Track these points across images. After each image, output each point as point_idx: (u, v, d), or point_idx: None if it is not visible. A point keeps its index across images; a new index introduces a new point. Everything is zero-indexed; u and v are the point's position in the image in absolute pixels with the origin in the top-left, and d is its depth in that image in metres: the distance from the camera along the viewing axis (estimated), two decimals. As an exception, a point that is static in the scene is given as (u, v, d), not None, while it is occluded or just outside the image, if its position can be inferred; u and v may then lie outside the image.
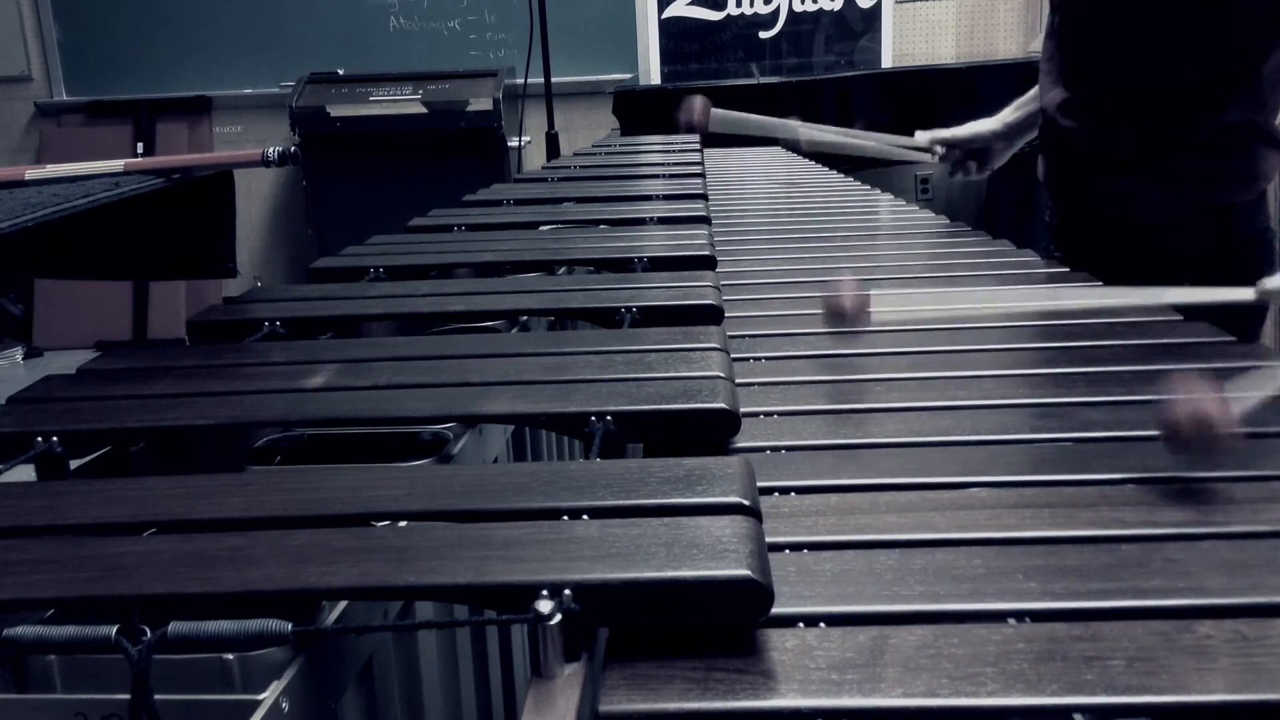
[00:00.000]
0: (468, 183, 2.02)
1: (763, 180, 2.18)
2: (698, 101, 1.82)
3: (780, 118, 1.94)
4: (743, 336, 1.02)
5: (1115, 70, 1.41)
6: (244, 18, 4.73)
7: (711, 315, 0.99)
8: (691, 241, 1.31)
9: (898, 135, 1.89)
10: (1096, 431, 0.76)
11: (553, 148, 3.72)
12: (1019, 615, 0.51)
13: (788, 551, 0.58)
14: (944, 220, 1.64)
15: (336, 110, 4.34)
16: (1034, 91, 1.76)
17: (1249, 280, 1.44)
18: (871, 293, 0.92)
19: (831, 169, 2.28)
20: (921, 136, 1.85)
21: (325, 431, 0.86)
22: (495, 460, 0.97)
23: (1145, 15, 1.37)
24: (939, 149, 1.83)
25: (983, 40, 4.55)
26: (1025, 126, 1.79)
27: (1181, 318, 1.05)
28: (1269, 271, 1.47)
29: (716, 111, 1.87)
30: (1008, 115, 1.80)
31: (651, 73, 4.57)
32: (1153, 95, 1.38)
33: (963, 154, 1.83)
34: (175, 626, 0.49)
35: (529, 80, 3.85)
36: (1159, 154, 1.36)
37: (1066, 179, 1.54)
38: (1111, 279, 1.22)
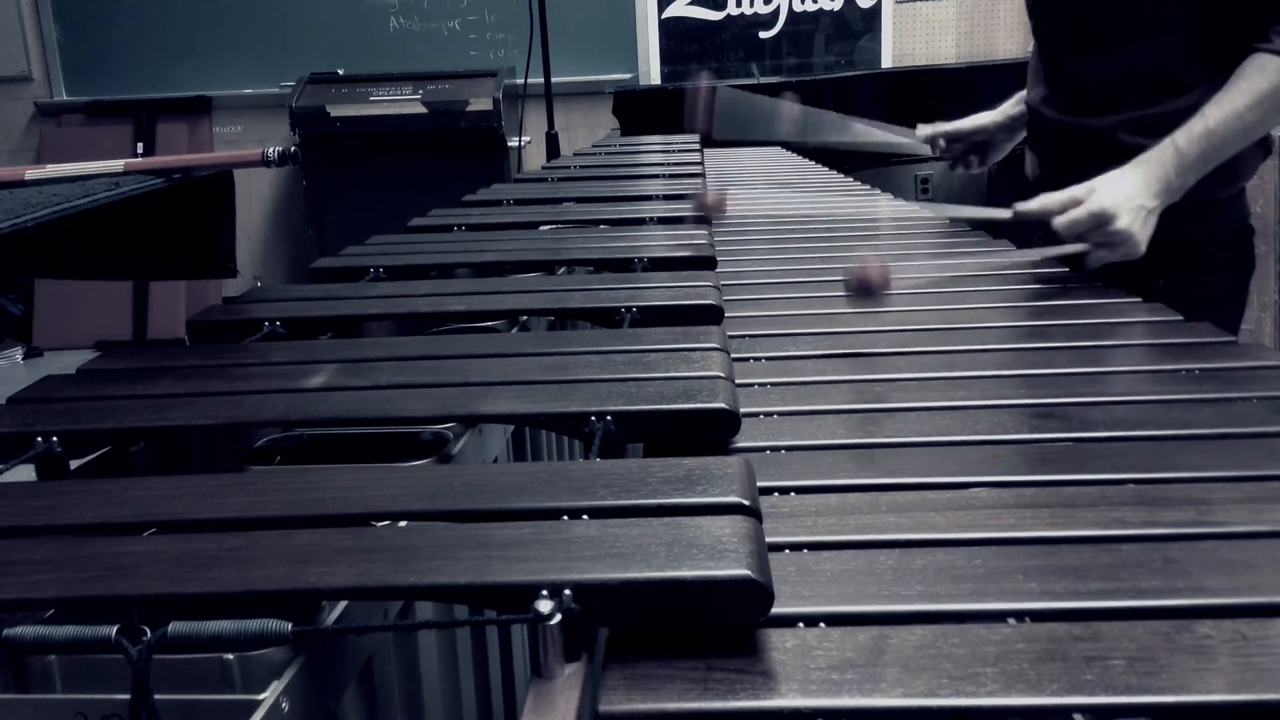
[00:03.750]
0: (468, 183, 2.03)
1: (763, 180, 2.18)
2: (704, 91, 1.82)
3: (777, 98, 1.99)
4: (743, 336, 1.02)
5: (1089, 61, 1.42)
6: (244, 18, 4.73)
7: (711, 315, 0.99)
8: (691, 241, 1.31)
9: (900, 126, 1.92)
10: (1096, 431, 0.76)
11: (553, 148, 3.72)
12: (1019, 615, 0.51)
13: (788, 551, 0.58)
14: (944, 220, 1.64)
15: (336, 110, 4.34)
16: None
17: (1235, 274, 1.46)
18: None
19: (832, 169, 2.29)
20: (923, 130, 1.87)
21: (325, 431, 0.86)
22: (495, 460, 0.97)
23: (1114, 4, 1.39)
24: (941, 143, 1.86)
25: (983, 40, 4.55)
26: (1026, 119, 1.80)
27: (1181, 318, 1.05)
28: (1249, 268, 1.49)
29: (725, 93, 1.86)
30: (1009, 108, 1.83)
31: (651, 73, 4.56)
32: (1128, 85, 1.40)
33: (964, 148, 1.85)
34: (175, 626, 0.49)
35: (529, 80, 3.85)
36: (1139, 150, 1.37)
37: (1053, 176, 1.56)
38: (1104, 271, 1.25)
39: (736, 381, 0.80)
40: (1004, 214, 1.31)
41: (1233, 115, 1.26)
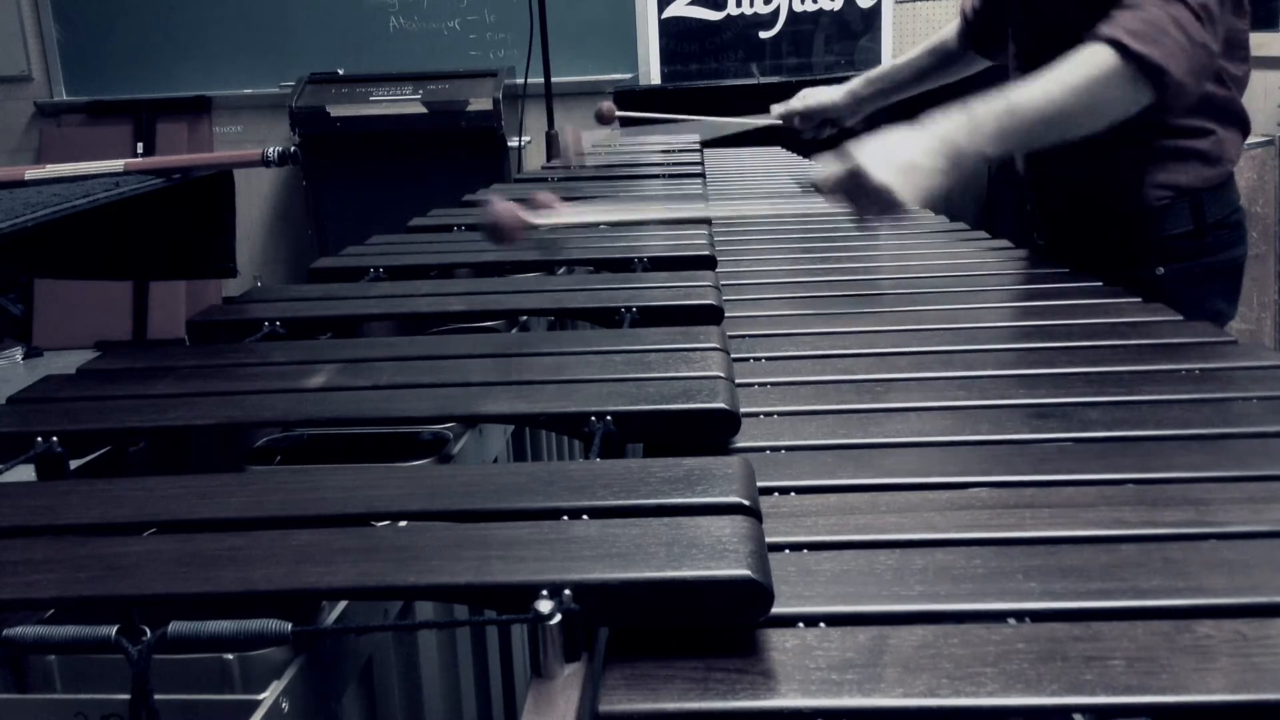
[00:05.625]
0: (468, 183, 2.03)
1: (763, 180, 2.18)
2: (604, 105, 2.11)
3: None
4: (743, 336, 1.02)
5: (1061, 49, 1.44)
6: (244, 18, 4.73)
7: (711, 315, 0.99)
8: (691, 241, 1.31)
9: (756, 116, 2.13)
10: (1096, 431, 0.76)
11: (553, 148, 3.72)
12: (1019, 615, 0.51)
13: (788, 551, 0.58)
14: (943, 220, 1.64)
15: (336, 110, 4.33)
16: (884, 69, 1.95)
17: (1232, 256, 1.47)
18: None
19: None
20: (775, 109, 2.05)
21: (325, 431, 0.86)
22: (495, 460, 0.97)
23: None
24: (795, 120, 2.02)
25: (983, 40, 4.54)
26: (872, 98, 1.96)
27: (1181, 318, 1.05)
28: (1242, 252, 1.49)
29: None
30: (857, 88, 1.96)
31: (651, 73, 4.56)
32: None
33: (816, 122, 2.02)
34: (175, 626, 0.49)
35: (529, 80, 3.85)
36: (1124, 142, 1.38)
37: (1043, 169, 1.57)
38: (1092, 265, 1.26)
39: (736, 381, 0.80)
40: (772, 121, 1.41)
41: (1040, 96, 1.20)
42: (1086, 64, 1.19)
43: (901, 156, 1.19)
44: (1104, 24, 1.19)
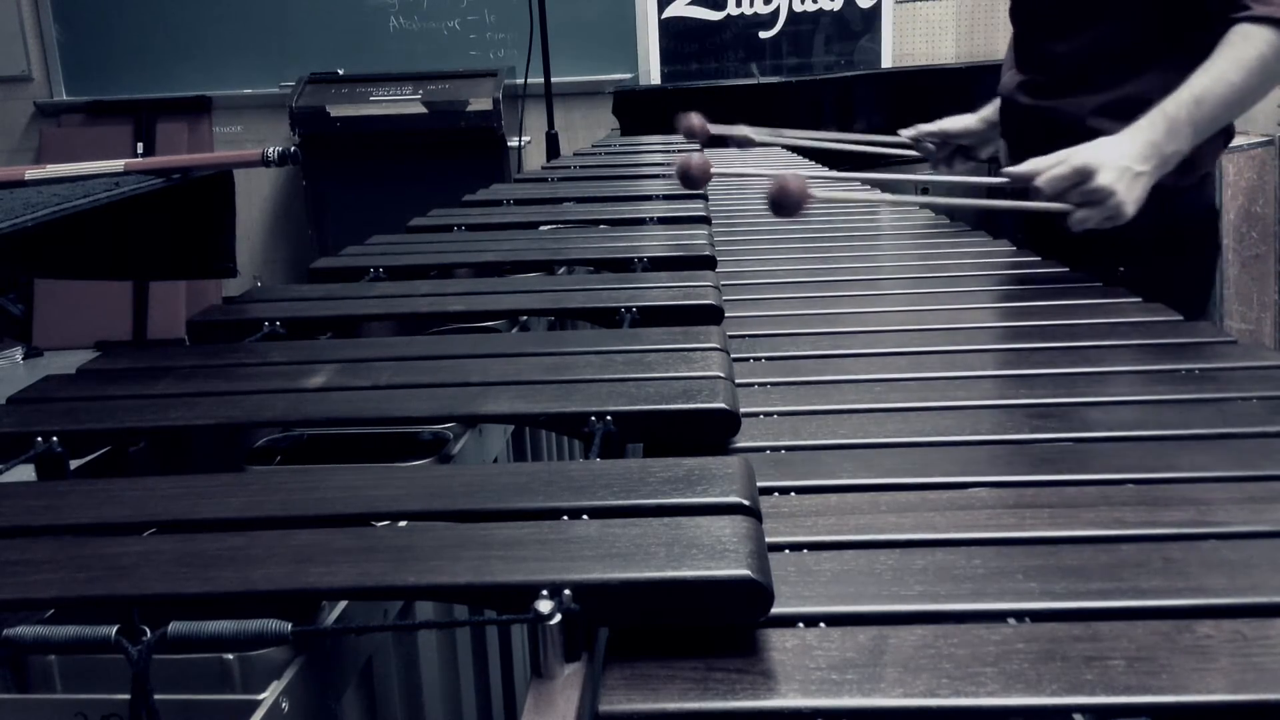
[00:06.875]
0: (468, 183, 2.03)
1: (763, 180, 2.18)
2: (695, 118, 1.96)
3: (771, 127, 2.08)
4: (743, 336, 1.02)
5: (1059, 41, 1.44)
6: (244, 18, 4.73)
7: (711, 315, 0.99)
8: (691, 241, 1.31)
9: (881, 135, 1.91)
10: (1096, 431, 0.76)
11: (553, 148, 3.72)
12: (1019, 615, 0.51)
13: (788, 551, 0.58)
14: (944, 220, 1.64)
15: (336, 110, 4.33)
16: None
17: (1201, 259, 1.47)
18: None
19: (831, 170, 2.28)
20: (905, 133, 1.88)
21: (325, 431, 0.86)
22: (495, 460, 0.97)
23: None
24: (929, 145, 1.86)
25: (983, 40, 4.54)
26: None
27: (1181, 318, 1.05)
28: (1215, 252, 1.50)
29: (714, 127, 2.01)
30: (989, 114, 1.85)
31: (651, 73, 4.57)
32: (1095, 65, 1.41)
33: (951, 149, 1.88)
34: (175, 626, 0.49)
35: (529, 80, 3.85)
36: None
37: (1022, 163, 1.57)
38: (1067, 259, 1.28)
39: (736, 381, 0.80)
40: (997, 181, 1.34)
41: (1220, 81, 1.25)
42: (1251, 44, 1.23)
43: (1122, 161, 1.22)
44: (1254, 4, 1.23)
